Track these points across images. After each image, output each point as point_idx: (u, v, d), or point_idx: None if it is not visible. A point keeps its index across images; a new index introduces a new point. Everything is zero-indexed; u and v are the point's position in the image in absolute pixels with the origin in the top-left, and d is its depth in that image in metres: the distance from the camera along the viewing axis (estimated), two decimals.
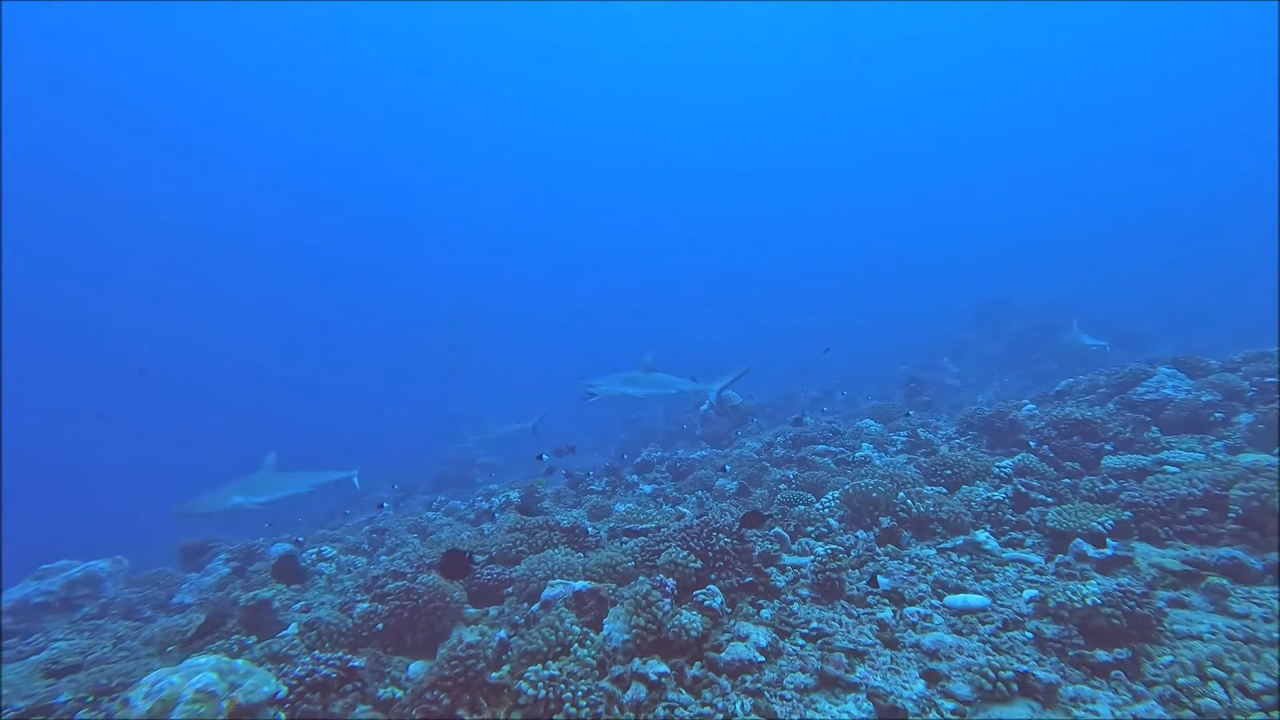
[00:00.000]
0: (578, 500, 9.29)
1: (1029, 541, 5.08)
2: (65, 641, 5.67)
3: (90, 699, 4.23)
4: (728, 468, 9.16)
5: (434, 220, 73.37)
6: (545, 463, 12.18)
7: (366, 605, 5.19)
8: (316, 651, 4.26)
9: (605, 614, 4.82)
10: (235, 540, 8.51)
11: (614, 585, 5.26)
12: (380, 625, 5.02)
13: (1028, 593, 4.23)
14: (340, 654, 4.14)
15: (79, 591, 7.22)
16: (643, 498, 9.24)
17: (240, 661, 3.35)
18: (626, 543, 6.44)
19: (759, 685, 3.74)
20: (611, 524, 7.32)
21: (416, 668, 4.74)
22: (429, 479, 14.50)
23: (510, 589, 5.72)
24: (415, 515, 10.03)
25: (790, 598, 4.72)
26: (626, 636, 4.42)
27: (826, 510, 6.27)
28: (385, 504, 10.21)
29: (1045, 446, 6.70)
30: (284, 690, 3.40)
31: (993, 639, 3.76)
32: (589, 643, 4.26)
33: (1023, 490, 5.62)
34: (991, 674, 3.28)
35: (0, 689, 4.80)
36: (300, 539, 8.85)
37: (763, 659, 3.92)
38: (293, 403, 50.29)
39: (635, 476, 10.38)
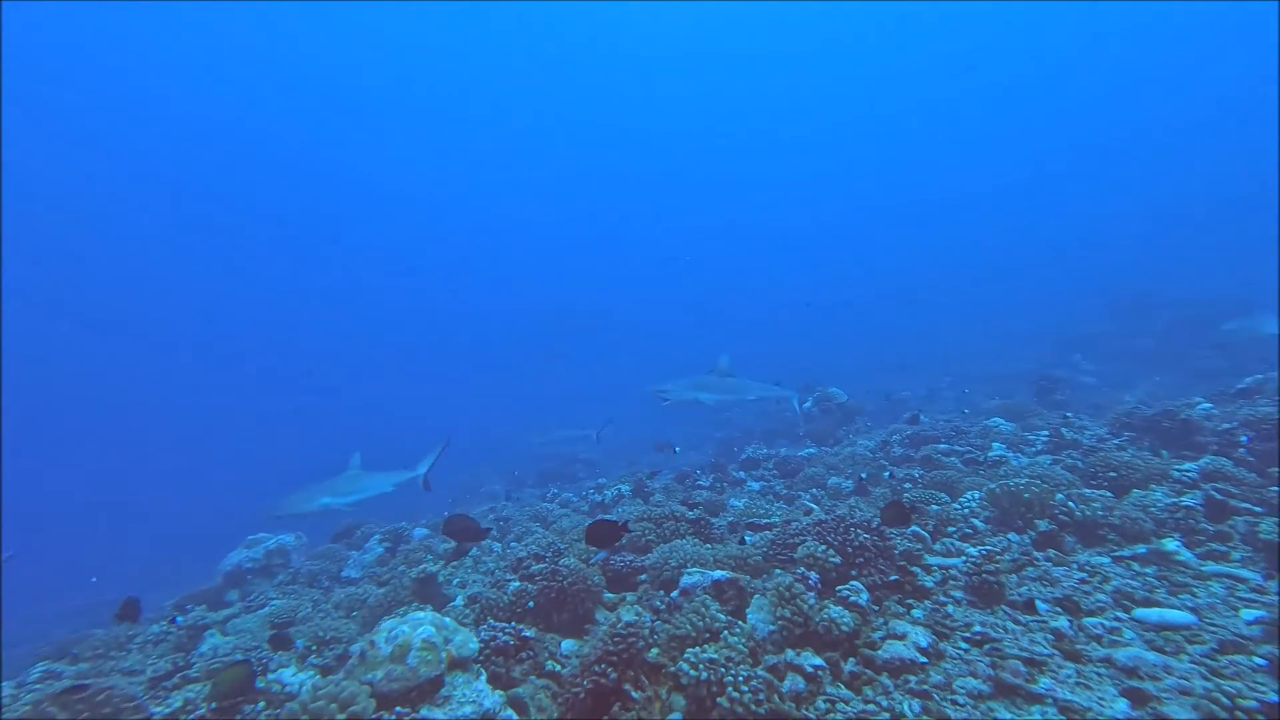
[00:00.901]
0: (687, 495, 9.43)
1: (1235, 555, 4.50)
2: (280, 601, 6.66)
3: (315, 646, 4.97)
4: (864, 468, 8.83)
5: (520, 218, 74.89)
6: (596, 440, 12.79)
7: (518, 584, 5.61)
8: (491, 620, 4.68)
9: (745, 604, 4.91)
10: (384, 524, 9.53)
11: (748, 576, 5.33)
12: (531, 603, 5.42)
13: (1248, 613, 3.75)
14: (513, 624, 4.54)
15: (275, 560, 8.46)
16: (753, 494, 9.20)
17: (449, 619, 3.78)
18: (749, 536, 6.49)
19: (925, 687, 3.63)
20: (730, 518, 7.39)
21: (569, 645, 5.08)
22: (534, 473, 15.35)
23: (643, 576, 5.95)
24: (533, 505, 10.67)
25: (943, 599, 4.53)
26: (772, 627, 4.47)
27: (968, 510, 5.92)
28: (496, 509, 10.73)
29: (1241, 450, 5.88)
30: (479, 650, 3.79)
31: (1209, 661, 3.38)
32: (738, 631, 4.36)
33: (1218, 497, 4.98)
34: (1226, 700, 2.95)
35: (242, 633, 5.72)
36: (438, 522, 9.75)
37: (925, 660, 3.81)
38: (380, 404, 53.06)
39: (742, 473, 10.35)
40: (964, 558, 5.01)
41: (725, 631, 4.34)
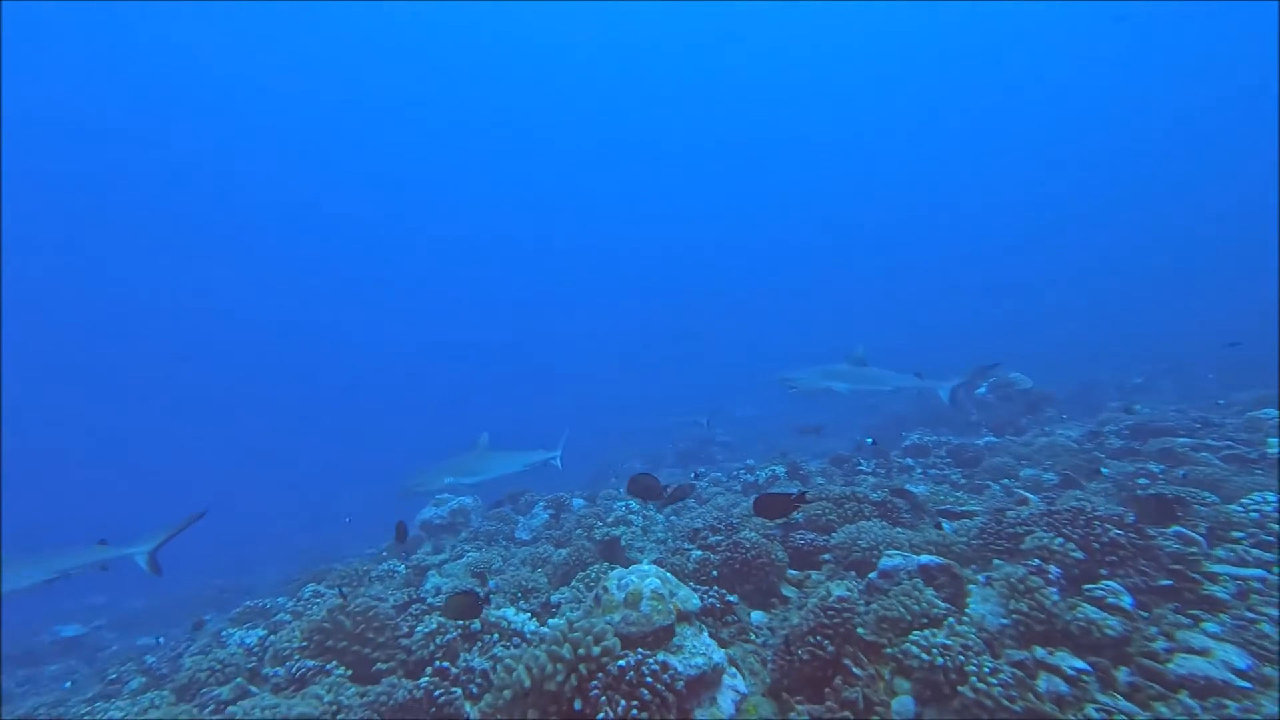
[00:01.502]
0: (849, 480, 8.90)
1: None
2: (474, 553, 7.49)
3: (518, 594, 5.48)
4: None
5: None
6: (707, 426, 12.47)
7: (699, 553, 5.66)
8: (691, 583, 4.77)
9: (961, 592, 4.46)
10: (546, 493, 10.25)
11: (956, 564, 4.84)
12: (715, 573, 5.44)
13: None
14: (718, 589, 4.58)
15: (458, 519, 9.55)
16: (928, 481, 8.42)
17: (670, 575, 3.89)
18: (947, 524, 5.91)
19: (1255, 718, 2.97)
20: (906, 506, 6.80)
21: (758, 616, 5.01)
22: (672, 454, 15.61)
23: (827, 556, 5.69)
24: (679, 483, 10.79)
25: (1250, 615, 3.70)
26: (1005, 621, 4.00)
27: (1259, 514, 4.80)
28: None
29: None
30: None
31: None
32: (965, 620, 3.96)
33: None
34: None
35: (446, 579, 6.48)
36: (590, 495, 10.28)
37: (1248, 685, 3.12)
38: (513, 386, 55.69)
39: (910, 460, 9.53)
40: (1269, 570, 4.06)
41: (950, 619, 3.97)
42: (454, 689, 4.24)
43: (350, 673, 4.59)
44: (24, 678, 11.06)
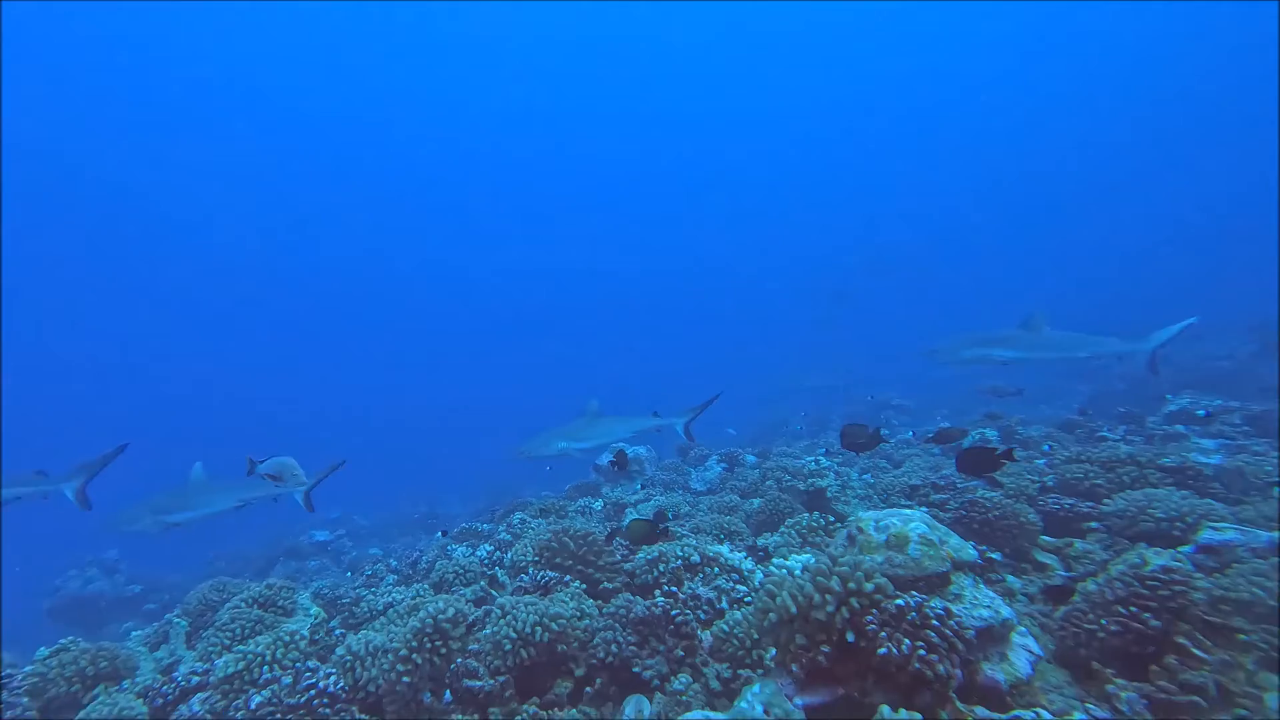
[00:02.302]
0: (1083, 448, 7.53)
1: None
2: (661, 498, 7.74)
3: (721, 536, 5.49)
4: None
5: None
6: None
7: (923, 510, 5.13)
8: None
9: None
10: (720, 449, 10.22)
11: None
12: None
13: None
14: (973, 543, 4.09)
15: (633, 467, 9.95)
16: (1223, 453, 6.81)
17: (938, 522, 3.51)
18: None
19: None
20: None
21: (1014, 581, 4.40)
22: (839, 415, 14.76)
23: (1095, 524, 4.82)
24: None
25: None
26: None
27: None
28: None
29: None
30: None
31: None
32: None
33: None
34: None
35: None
36: (760, 451, 10.05)
37: None
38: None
39: (1181, 427, 7.81)
40: None
41: None
42: (687, 612, 4.32)
43: (584, 586, 4.92)
44: (294, 569, 13.99)
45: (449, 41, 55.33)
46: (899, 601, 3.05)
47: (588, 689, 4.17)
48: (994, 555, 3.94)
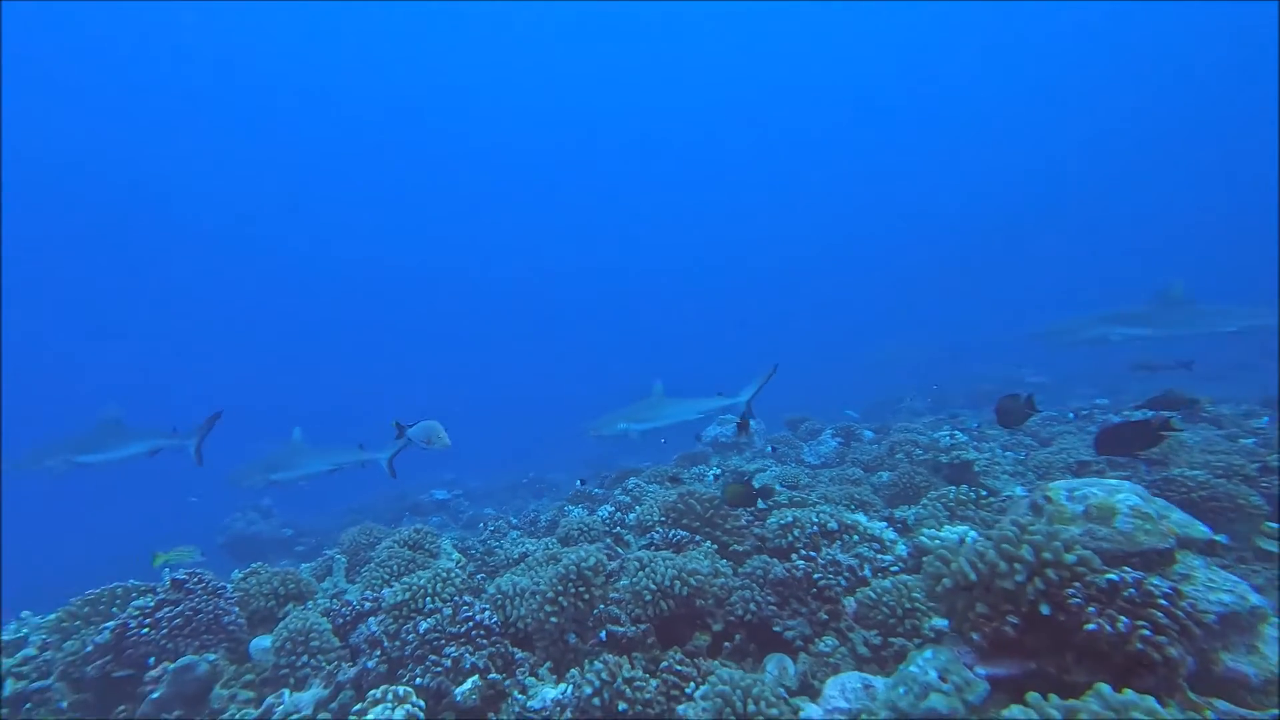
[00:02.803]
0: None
1: None
2: (777, 469, 7.58)
3: (853, 506, 5.26)
4: None
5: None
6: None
7: None
8: None
9: None
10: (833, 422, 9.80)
11: None
12: None
13: None
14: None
15: (741, 439, 9.82)
16: None
17: (1152, 494, 3.09)
18: None
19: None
20: None
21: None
22: (961, 394, 13.63)
23: None
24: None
25: None
26: None
27: None
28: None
29: None
30: None
31: None
32: None
33: None
34: None
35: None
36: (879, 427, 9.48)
37: None
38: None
39: None
40: None
41: None
42: (830, 576, 4.17)
43: (715, 547, 4.91)
44: (417, 524, 15.33)
45: (449, 42, 54.85)
46: (1111, 576, 2.71)
47: (726, 644, 4.17)
48: (1220, 538, 3.37)
